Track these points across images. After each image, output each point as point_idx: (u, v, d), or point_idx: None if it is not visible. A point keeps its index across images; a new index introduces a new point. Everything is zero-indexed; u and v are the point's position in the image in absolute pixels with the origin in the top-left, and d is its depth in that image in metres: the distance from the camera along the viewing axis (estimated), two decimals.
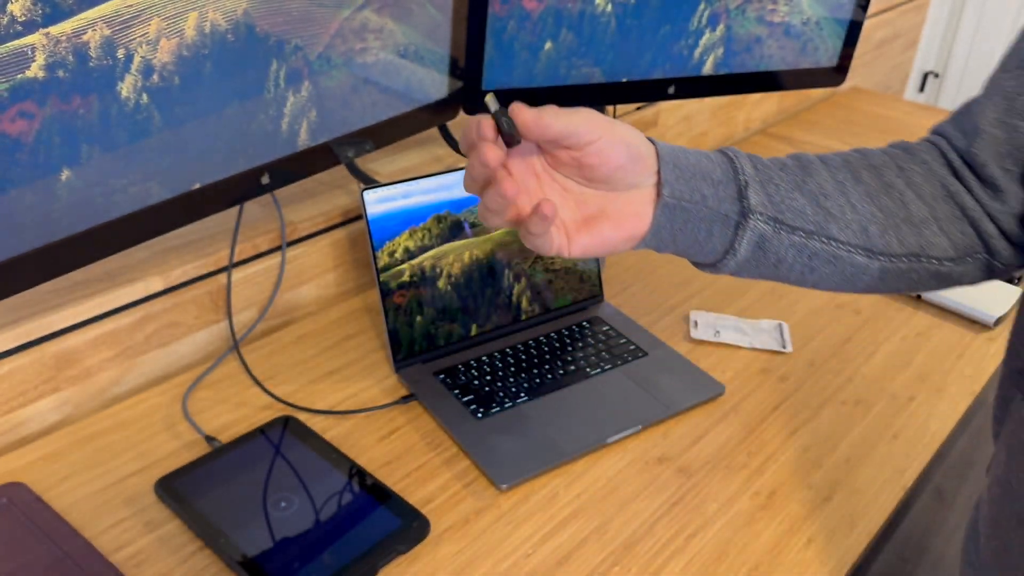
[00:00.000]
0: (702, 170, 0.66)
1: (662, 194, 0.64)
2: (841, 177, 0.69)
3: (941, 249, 0.69)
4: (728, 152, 0.69)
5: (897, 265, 0.69)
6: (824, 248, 0.67)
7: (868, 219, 0.68)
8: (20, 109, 0.71)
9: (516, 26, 1.09)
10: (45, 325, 0.88)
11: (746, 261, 0.67)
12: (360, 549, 0.76)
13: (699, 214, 0.65)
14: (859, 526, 0.83)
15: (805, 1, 1.23)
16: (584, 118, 0.61)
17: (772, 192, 0.67)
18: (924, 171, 0.70)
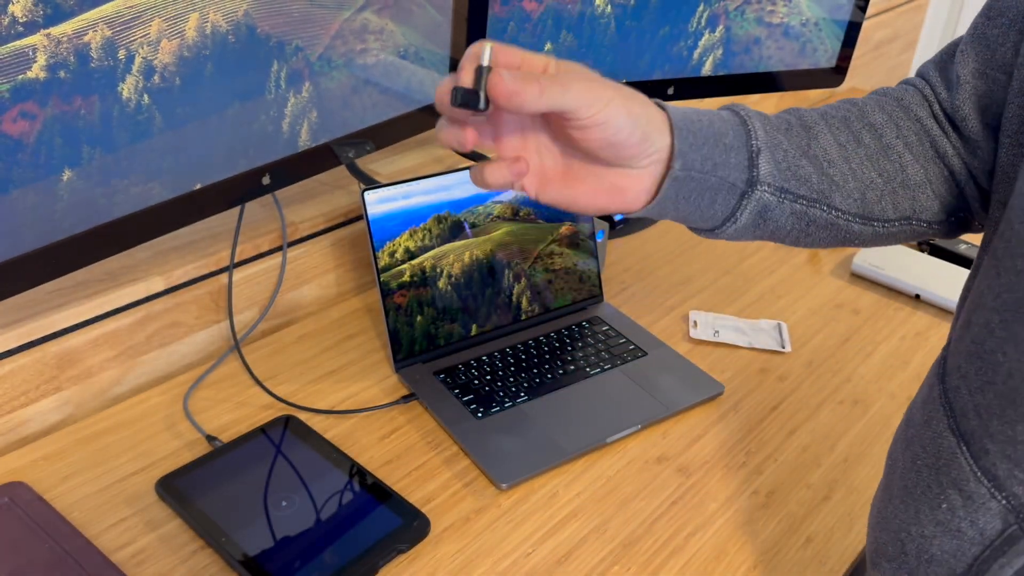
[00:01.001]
0: (715, 132, 0.62)
1: (673, 167, 0.60)
2: (843, 139, 0.67)
3: (932, 212, 0.69)
4: (740, 112, 0.65)
5: (889, 229, 0.69)
6: (823, 216, 0.66)
7: (867, 185, 0.67)
8: (22, 109, 0.71)
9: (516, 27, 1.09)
10: (47, 325, 0.89)
11: (744, 227, 0.65)
12: (360, 548, 0.76)
13: (707, 183, 0.62)
14: (858, 525, 0.84)
15: (804, 2, 1.24)
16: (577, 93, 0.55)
17: (780, 159, 0.64)
18: (918, 129, 0.69)
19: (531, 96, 0.52)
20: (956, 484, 0.56)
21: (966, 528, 0.55)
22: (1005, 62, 0.63)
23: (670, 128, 0.60)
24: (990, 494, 0.54)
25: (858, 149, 0.67)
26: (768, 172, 0.63)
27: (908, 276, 1.19)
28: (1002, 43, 0.62)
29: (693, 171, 0.61)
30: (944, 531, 0.56)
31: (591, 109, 0.55)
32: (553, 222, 1.06)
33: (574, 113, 0.55)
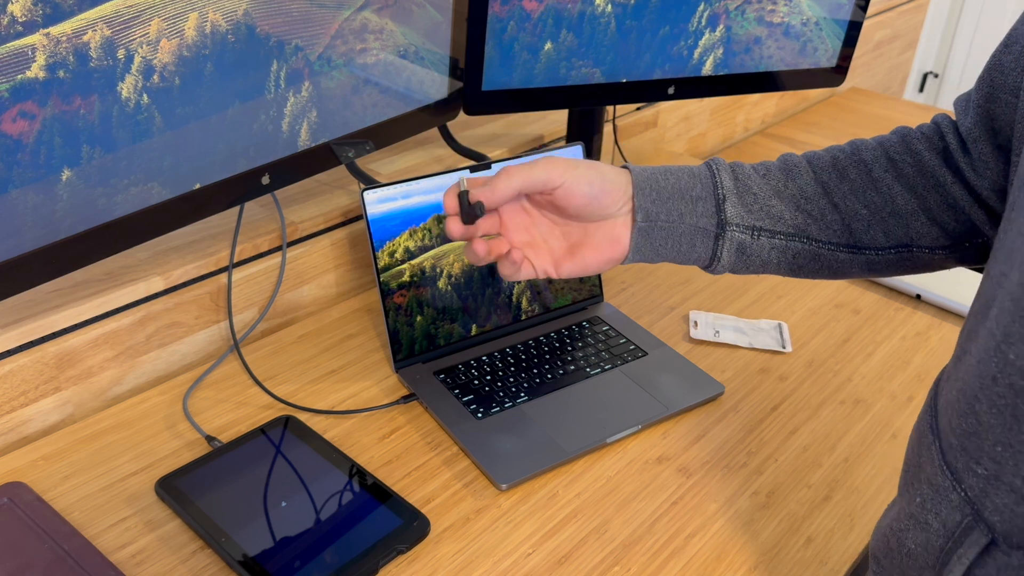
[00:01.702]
0: (680, 189, 0.72)
1: (636, 219, 0.71)
2: (825, 178, 0.73)
3: (932, 238, 0.72)
4: (712, 165, 0.74)
5: (885, 257, 0.73)
6: (804, 247, 0.73)
7: (851, 217, 0.72)
8: (21, 109, 0.71)
9: (516, 27, 1.09)
10: (46, 325, 0.89)
11: (733, 264, 0.74)
12: (360, 548, 0.76)
13: (678, 231, 0.72)
14: (858, 525, 0.83)
15: (804, 2, 1.24)
16: (542, 168, 0.68)
17: (750, 202, 0.72)
18: (915, 161, 0.72)
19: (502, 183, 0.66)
20: (928, 478, 0.57)
21: (932, 520, 0.57)
22: (1015, 85, 0.65)
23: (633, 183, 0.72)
24: (951, 486, 0.55)
25: (841, 184, 0.73)
26: (735, 214, 0.72)
27: (908, 276, 1.19)
28: (1013, 68, 0.65)
29: (659, 222, 0.71)
30: (916, 524, 0.58)
31: (561, 178, 0.68)
32: None
33: (544, 185, 0.68)
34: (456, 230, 0.67)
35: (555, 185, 0.68)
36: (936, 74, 2.87)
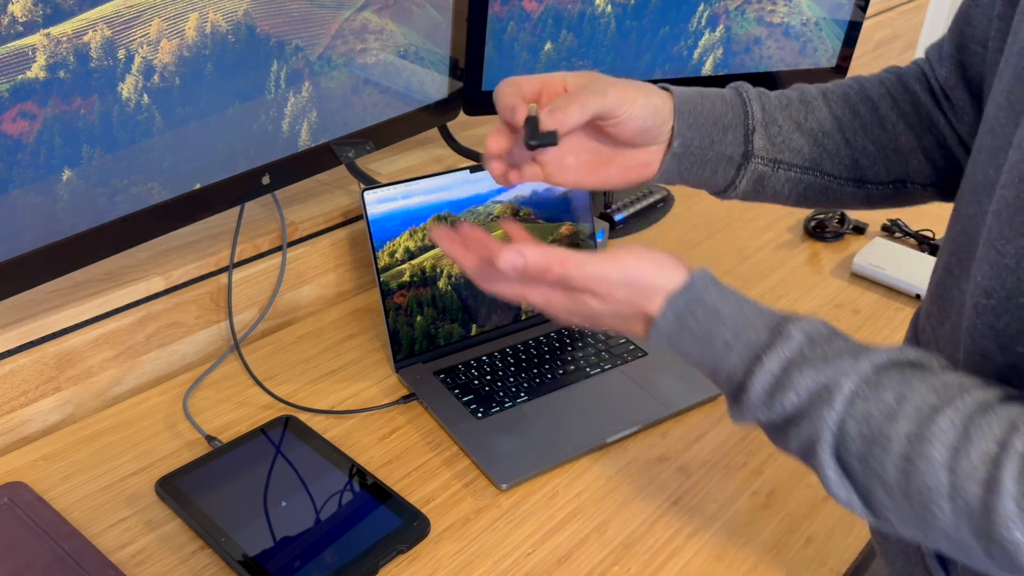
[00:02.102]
0: (715, 115, 0.71)
1: (672, 144, 0.71)
2: (839, 112, 0.74)
3: (925, 175, 0.74)
4: (743, 93, 0.74)
5: (883, 191, 0.75)
6: (817, 181, 0.74)
7: (860, 153, 0.74)
8: (21, 109, 0.71)
9: (516, 27, 1.10)
10: (46, 325, 0.89)
11: (746, 193, 0.75)
12: (360, 548, 0.76)
13: (705, 156, 0.72)
14: (858, 525, 0.83)
15: (804, 2, 1.24)
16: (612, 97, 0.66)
17: (774, 134, 0.73)
18: (912, 101, 0.75)
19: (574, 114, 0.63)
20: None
21: None
22: (983, 36, 0.67)
23: (674, 109, 0.70)
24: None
25: (853, 120, 0.74)
26: (762, 147, 0.72)
27: (908, 276, 1.19)
28: (981, 20, 0.68)
29: (692, 147, 0.71)
30: None
31: (622, 108, 0.66)
32: (553, 222, 1.06)
33: (611, 114, 0.66)
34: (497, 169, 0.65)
35: (617, 115, 0.66)
36: None
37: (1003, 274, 0.52)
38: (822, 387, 0.51)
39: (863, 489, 0.51)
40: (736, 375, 0.55)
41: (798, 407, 0.52)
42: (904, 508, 0.49)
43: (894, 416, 0.49)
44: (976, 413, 0.48)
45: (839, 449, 0.51)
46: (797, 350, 0.53)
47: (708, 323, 0.56)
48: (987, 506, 0.46)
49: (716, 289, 0.58)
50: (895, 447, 0.49)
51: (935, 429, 0.48)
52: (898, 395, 0.50)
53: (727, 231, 1.32)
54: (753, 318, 0.56)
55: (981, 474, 0.46)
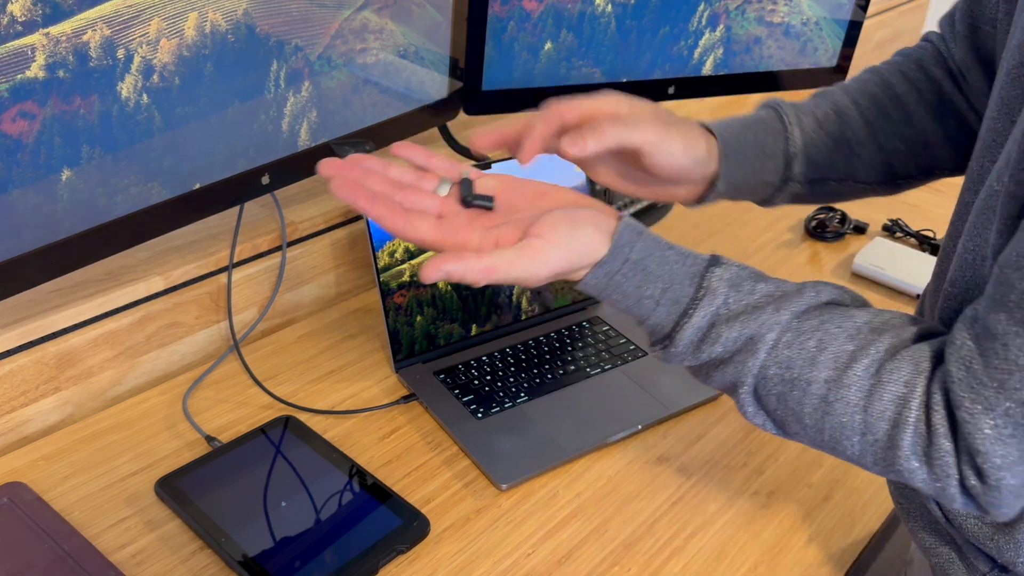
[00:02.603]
0: (758, 146, 0.73)
1: (716, 185, 0.72)
2: (871, 117, 0.76)
3: (951, 160, 0.77)
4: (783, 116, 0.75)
5: (911, 184, 0.78)
6: (848, 188, 0.78)
7: (891, 154, 0.76)
8: (21, 109, 0.71)
9: (516, 27, 1.09)
10: (46, 325, 0.88)
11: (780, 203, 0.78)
12: (360, 548, 0.76)
13: (745, 184, 0.74)
14: (859, 525, 0.83)
15: (805, 1, 1.24)
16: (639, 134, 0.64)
17: (813, 155, 0.75)
18: (935, 89, 0.76)
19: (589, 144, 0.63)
20: None
21: None
22: (992, 16, 0.68)
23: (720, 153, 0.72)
24: None
25: (885, 125, 0.76)
26: (800, 172, 0.75)
27: (909, 276, 1.19)
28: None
29: (734, 183, 0.73)
30: None
31: (656, 148, 0.66)
32: None
33: (641, 151, 0.66)
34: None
35: (650, 154, 0.66)
36: None
37: (964, 267, 0.58)
38: (747, 339, 0.55)
39: (778, 420, 0.57)
40: (664, 327, 0.58)
41: (723, 355, 0.56)
42: (816, 437, 0.56)
43: (814, 362, 0.54)
44: (887, 359, 0.53)
45: (758, 388, 0.56)
46: (722, 303, 0.56)
47: (634, 279, 0.57)
48: (892, 440, 0.52)
49: (640, 242, 0.58)
50: (815, 390, 0.54)
51: (851, 376, 0.53)
52: (819, 342, 0.55)
53: (727, 231, 1.32)
54: (677, 270, 0.58)
55: (890, 414, 0.52)
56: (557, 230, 0.57)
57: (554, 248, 0.56)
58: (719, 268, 0.58)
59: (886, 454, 0.53)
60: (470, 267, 0.54)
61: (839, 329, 0.55)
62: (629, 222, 0.60)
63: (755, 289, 0.57)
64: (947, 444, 0.51)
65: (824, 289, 0.58)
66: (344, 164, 0.58)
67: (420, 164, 0.61)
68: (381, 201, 0.57)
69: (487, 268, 0.55)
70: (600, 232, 0.58)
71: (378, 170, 0.59)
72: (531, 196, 0.62)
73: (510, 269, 0.55)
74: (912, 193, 1.39)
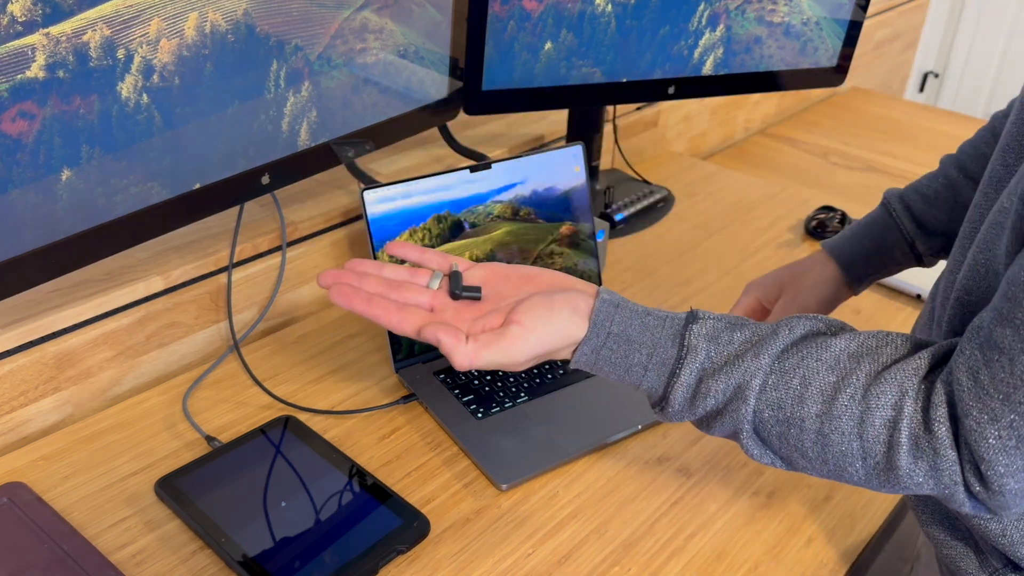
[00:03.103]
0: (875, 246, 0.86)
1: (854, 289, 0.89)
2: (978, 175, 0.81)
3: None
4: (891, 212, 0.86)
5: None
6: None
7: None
8: (20, 109, 0.71)
9: (516, 26, 1.09)
10: (46, 325, 0.88)
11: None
12: (360, 548, 0.76)
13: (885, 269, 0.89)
14: (859, 525, 0.83)
15: (805, 1, 1.24)
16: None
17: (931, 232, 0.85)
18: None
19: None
20: None
21: None
22: None
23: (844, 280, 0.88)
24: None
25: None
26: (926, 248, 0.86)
27: (909, 276, 1.18)
28: None
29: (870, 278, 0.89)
30: None
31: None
32: (553, 222, 1.06)
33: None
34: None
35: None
36: (936, 74, 2.86)
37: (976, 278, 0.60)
38: (735, 388, 0.57)
39: (784, 457, 0.59)
40: (657, 391, 0.61)
41: (716, 407, 0.59)
42: (821, 468, 0.58)
43: (802, 400, 0.56)
44: (870, 383, 0.55)
45: (758, 430, 0.58)
46: (704, 357, 0.59)
47: (619, 350, 0.60)
48: (891, 462, 0.55)
49: (617, 314, 0.61)
50: (808, 426, 0.56)
51: (839, 407, 0.56)
52: (802, 379, 0.57)
53: (727, 231, 1.32)
54: (658, 332, 0.60)
55: (884, 437, 0.55)
56: (534, 317, 0.59)
57: (531, 334, 0.59)
58: (696, 325, 0.60)
59: (888, 476, 0.55)
60: (459, 347, 0.57)
61: (819, 363, 0.57)
62: (606, 297, 0.61)
63: (733, 339, 0.59)
64: (951, 454, 0.53)
65: (797, 324, 0.59)
66: (341, 272, 0.62)
67: (414, 261, 0.65)
68: (376, 302, 0.60)
69: (472, 352, 0.58)
70: (576, 315, 0.60)
71: (373, 272, 0.63)
72: (517, 282, 0.64)
73: (492, 355, 0.58)
74: None
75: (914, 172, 1.53)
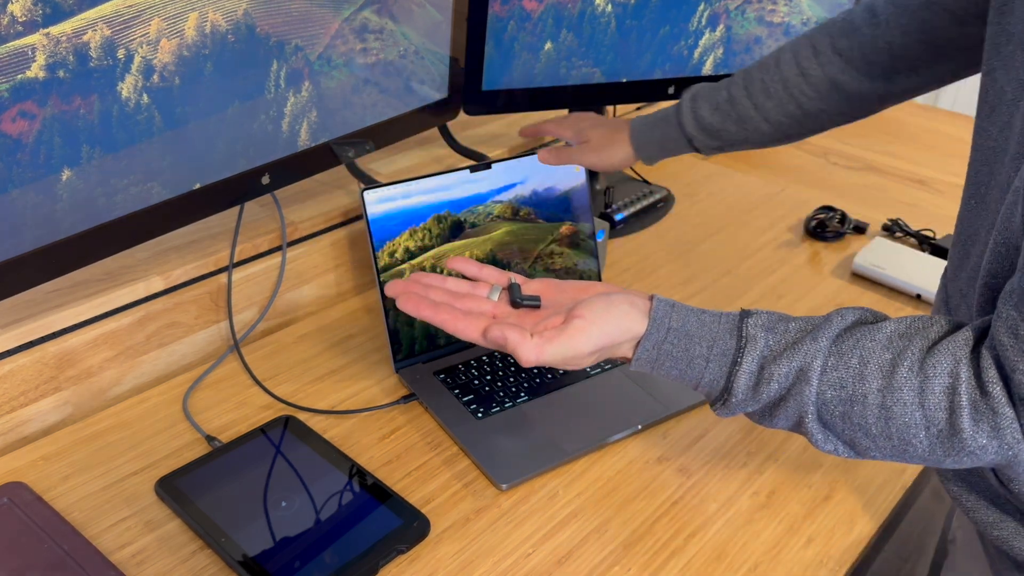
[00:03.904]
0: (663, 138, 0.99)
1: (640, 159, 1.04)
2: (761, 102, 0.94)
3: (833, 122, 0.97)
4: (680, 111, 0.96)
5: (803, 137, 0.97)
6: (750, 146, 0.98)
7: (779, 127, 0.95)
8: (21, 109, 0.71)
9: (516, 26, 1.09)
10: (46, 325, 0.88)
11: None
12: (360, 548, 0.76)
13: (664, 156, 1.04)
14: (858, 525, 0.83)
15: (805, 1, 1.24)
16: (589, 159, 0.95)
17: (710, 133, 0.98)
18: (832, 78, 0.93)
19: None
20: None
21: None
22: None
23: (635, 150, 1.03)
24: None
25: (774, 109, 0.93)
26: (703, 145, 0.99)
27: (909, 276, 1.19)
28: None
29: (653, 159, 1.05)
30: None
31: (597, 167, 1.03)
32: (553, 222, 1.06)
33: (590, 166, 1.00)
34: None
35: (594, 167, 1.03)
36: None
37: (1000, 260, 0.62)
38: (797, 371, 0.60)
39: (847, 439, 0.61)
40: (718, 382, 0.63)
41: (780, 392, 0.60)
42: (885, 445, 0.60)
43: (863, 376, 0.59)
44: (925, 356, 0.58)
45: (822, 413, 0.60)
46: (764, 345, 0.61)
47: (681, 344, 0.63)
48: (954, 426, 0.56)
49: (675, 312, 0.64)
50: (871, 401, 0.58)
51: (899, 379, 0.58)
52: (860, 358, 0.59)
53: (727, 231, 1.32)
54: (715, 327, 0.63)
55: (945, 403, 0.57)
56: (595, 310, 0.63)
57: (593, 326, 0.62)
58: (751, 317, 0.63)
59: (952, 441, 0.57)
60: (524, 343, 0.61)
61: (873, 343, 0.59)
62: (661, 298, 0.65)
63: (788, 328, 0.62)
64: (1009, 411, 0.55)
65: (847, 313, 0.62)
66: (407, 283, 0.66)
67: (472, 275, 0.68)
68: (443, 308, 0.64)
69: (537, 346, 0.61)
70: (635, 309, 0.64)
71: (437, 284, 0.67)
72: (572, 291, 0.68)
73: (557, 349, 0.61)
74: (912, 193, 1.39)
75: (914, 172, 1.53)
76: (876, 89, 0.87)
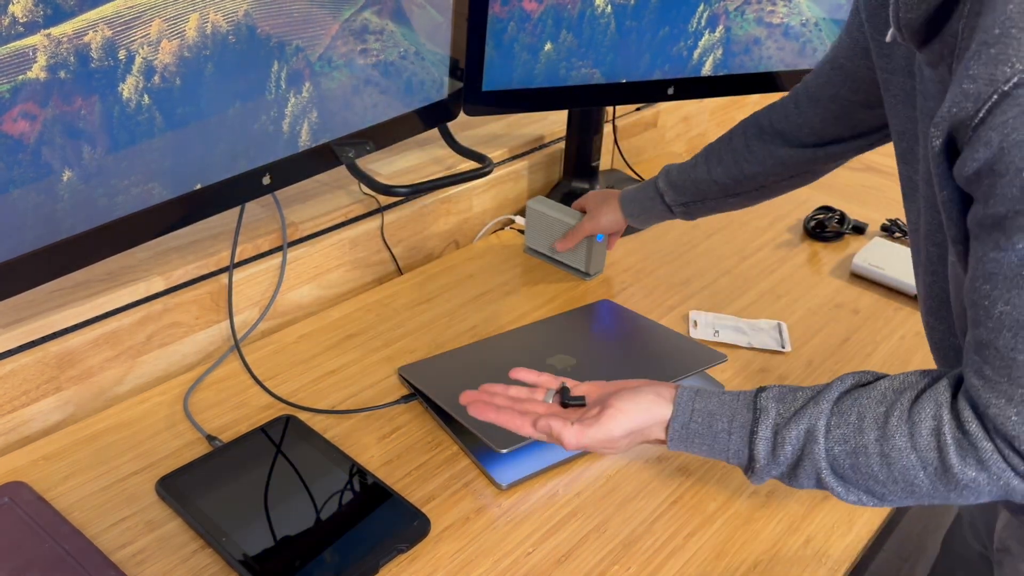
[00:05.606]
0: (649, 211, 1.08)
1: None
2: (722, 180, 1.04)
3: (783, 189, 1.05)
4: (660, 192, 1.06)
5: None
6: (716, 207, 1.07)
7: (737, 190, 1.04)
8: (22, 110, 0.71)
9: (516, 27, 1.10)
10: (47, 325, 0.89)
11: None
12: (361, 548, 0.76)
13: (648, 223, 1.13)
14: (858, 525, 0.84)
15: (804, 2, 1.24)
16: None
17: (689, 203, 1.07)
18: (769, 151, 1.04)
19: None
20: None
21: None
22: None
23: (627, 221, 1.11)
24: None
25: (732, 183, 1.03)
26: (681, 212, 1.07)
27: (908, 276, 1.19)
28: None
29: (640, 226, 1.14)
30: None
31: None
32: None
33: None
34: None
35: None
36: None
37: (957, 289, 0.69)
38: (806, 432, 0.66)
39: (864, 488, 0.66)
40: (743, 451, 0.69)
41: (795, 454, 0.67)
42: (895, 489, 0.65)
43: (861, 430, 0.65)
44: (913, 406, 0.64)
45: (835, 468, 0.66)
46: (776, 414, 0.68)
47: (705, 422, 0.70)
48: (944, 463, 0.62)
49: (698, 396, 0.72)
50: (872, 450, 0.64)
51: (891, 428, 0.64)
52: (858, 414, 0.66)
53: (727, 231, 1.32)
54: (734, 404, 0.70)
55: (933, 444, 0.63)
56: (623, 399, 0.72)
57: (621, 414, 0.71)
58: (764, 392, 0.70)
59: (947, 477, 0.62)
60: (566, 429, 0.71)
61: (869, 399, 0.66)
62: (684, 386, 0.73)
63: (796, 397, 0.69)
64: (988, 444, 0.61)
65: (847, 377, 0.69)
66: (479, 393, 0.77)
67: (531, 383, 0.78)
68: (505, 412, 0.74)
69: (577, 432, 0.71)
70: (660, 398, 0.72)
71: (500, 392, 0.77)
72: (612, 388, 0.76)
73: (594, 433, 0.70)
74: None
75: None
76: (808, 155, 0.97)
